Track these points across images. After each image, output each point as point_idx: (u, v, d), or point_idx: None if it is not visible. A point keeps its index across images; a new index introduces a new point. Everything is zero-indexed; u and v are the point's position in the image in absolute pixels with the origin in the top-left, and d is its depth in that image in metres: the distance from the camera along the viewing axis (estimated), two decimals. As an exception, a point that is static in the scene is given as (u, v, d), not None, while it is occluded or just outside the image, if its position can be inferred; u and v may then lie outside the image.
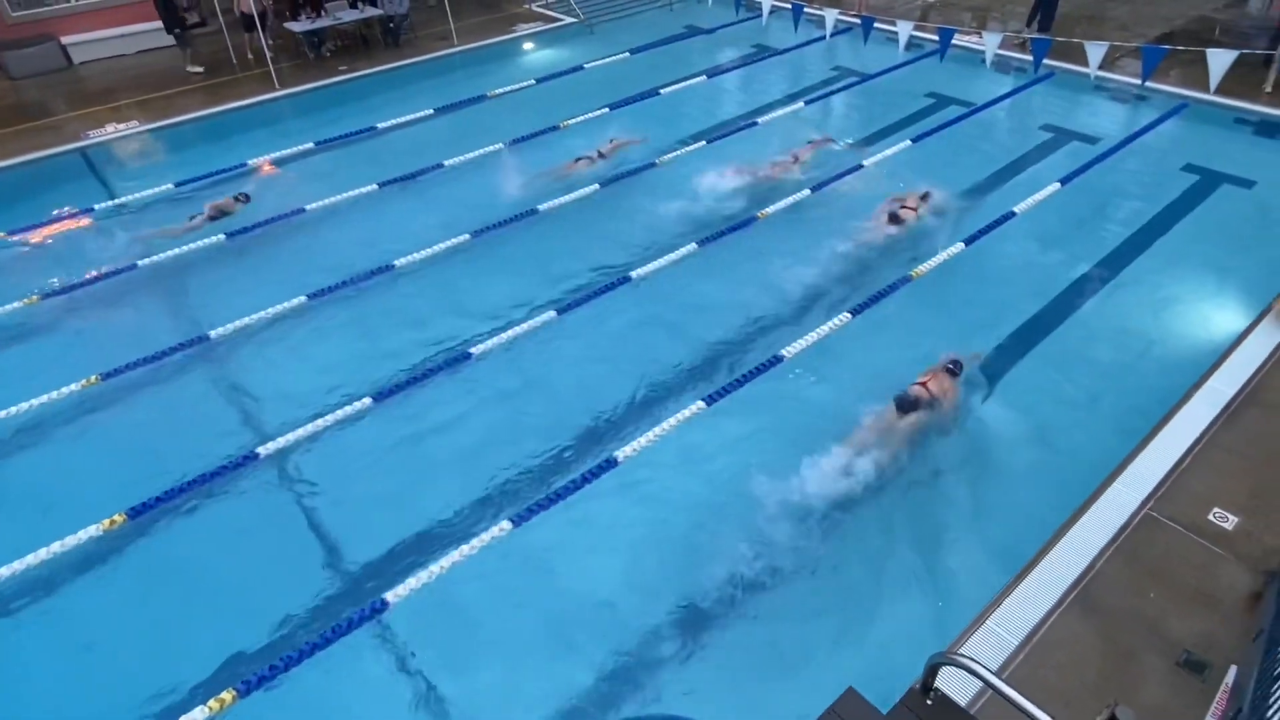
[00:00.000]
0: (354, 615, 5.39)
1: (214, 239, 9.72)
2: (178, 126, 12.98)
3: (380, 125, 12.69)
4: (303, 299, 8.64)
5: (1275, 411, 6.65)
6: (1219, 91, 9.99)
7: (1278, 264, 8.46)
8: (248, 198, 10.54)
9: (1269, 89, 12.41)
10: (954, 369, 7.15)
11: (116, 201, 10.86)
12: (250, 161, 11.61)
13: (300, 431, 6.92)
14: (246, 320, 8.30)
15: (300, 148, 12.00)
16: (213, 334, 8.13)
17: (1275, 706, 3.43)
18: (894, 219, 9.45)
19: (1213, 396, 6.81)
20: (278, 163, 11.74)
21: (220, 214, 10.19)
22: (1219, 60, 8.94)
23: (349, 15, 15.70)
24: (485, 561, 5.80)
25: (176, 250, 9.50)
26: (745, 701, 5.04)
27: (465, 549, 5.79)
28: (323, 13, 15.49)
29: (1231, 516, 5.74)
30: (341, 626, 5.32)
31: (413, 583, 5.56)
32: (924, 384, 6.91)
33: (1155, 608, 5.14)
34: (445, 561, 5.70)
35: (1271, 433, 6.45)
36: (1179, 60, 12.83)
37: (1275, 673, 3.78)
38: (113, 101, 13.78)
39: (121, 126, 12.76)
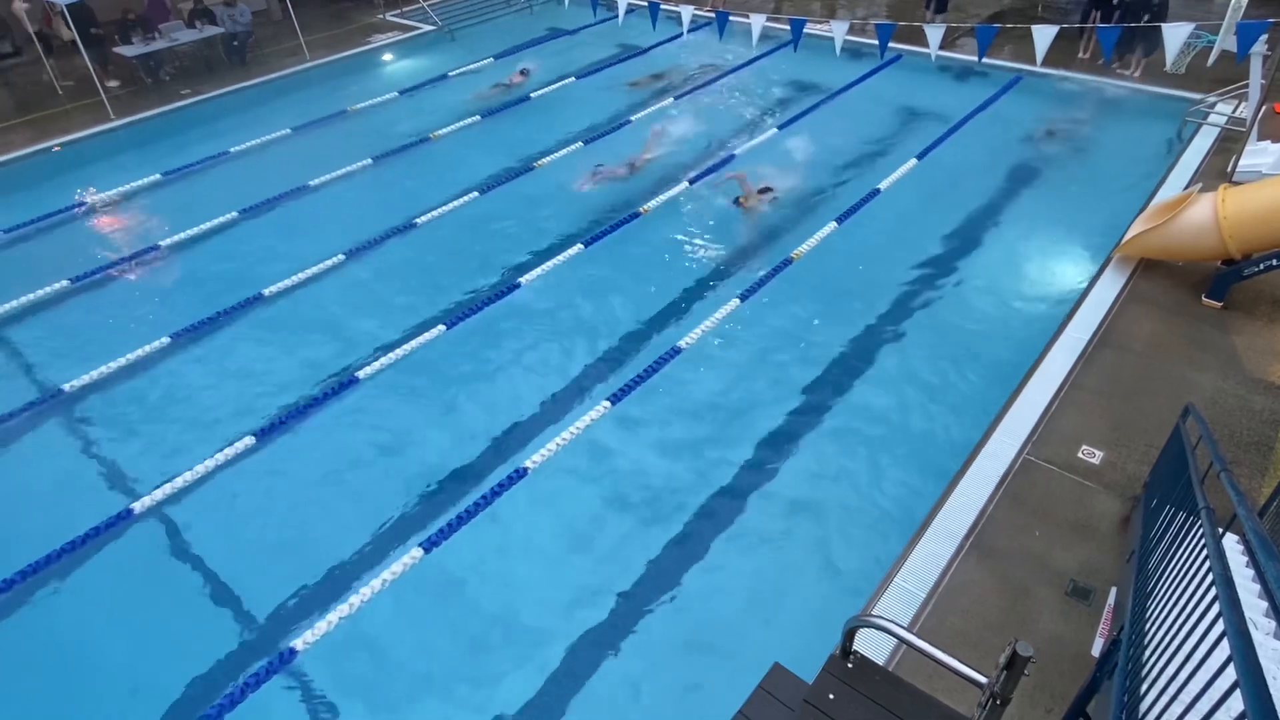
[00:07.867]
0: (260, 670, 5.07)
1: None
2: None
3: (233, 149, 11.98)
4: (165, 340, 8.09)
5: (1124, 351, 7.28)
6: (1045, 63, 10.91)
7: (1113, 218, 9.26)
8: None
9: (1084, 55, 13.62)
10: None
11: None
12: (87, 199, 10.72)
13: (179, 481, 6.46)
14: (107, 368, 7.70)
15: (146, 180, 11.17)
16: (66, 387, 7.48)
17: (1150, 619, 3.75)
18: None
19: (1071, 343, 7.39)
20: (123, 197, 10.89)
21: None
22: (1043, 35, 9.71)
23: (187, 35, 14.65)
24: (400, 592, 5.59)
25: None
26: (681, 692, 5.07)
27: (376, 583, 5.55)
28: (156, 34, 14.42)
29: (1098, 451, 6.24)
30: (249, 684, 4.99)
31: (323, 626, 5.28)
32: None
33: (1041, 544, 5.53)
34: (356, 599, 5.45)
35: (1123, 371, 7.06)
36: (1010, 37, 13.82)
37: (1148, 589, 4.13)
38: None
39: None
